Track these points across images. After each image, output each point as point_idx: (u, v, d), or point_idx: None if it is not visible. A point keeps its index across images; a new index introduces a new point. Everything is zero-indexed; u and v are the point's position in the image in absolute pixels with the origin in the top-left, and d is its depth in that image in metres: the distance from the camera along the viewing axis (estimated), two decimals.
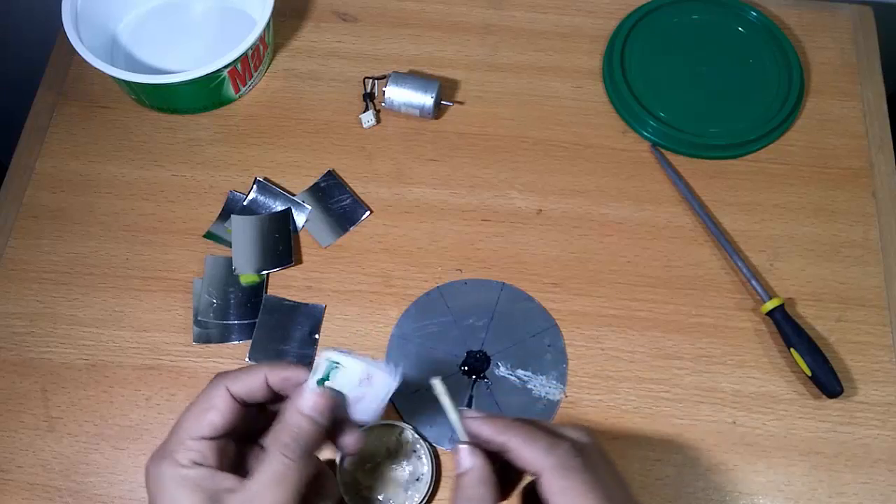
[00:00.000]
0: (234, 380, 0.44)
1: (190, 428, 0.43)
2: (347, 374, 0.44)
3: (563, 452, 0.40)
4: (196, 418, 0.43)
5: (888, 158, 0.68)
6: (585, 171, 0.67)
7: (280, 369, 0.45)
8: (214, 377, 0.45)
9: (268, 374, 0.44)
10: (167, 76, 0.63)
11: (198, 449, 0.42)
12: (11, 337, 0.60)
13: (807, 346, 0.58)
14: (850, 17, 0.75)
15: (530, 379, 0.59)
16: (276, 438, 0.42)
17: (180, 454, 0.42)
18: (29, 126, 0.69)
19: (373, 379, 0.44)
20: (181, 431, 0.43)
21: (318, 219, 0.65)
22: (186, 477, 0.41)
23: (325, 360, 0.44)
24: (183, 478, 0.41)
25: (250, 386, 0.44)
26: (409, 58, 0.72)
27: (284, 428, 0.42)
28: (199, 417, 0.43)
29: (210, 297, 0.61)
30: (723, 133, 0.68)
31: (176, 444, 0.42)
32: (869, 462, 0.57)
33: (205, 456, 0.42)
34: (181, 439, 0.42)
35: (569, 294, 0.62)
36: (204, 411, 0.43)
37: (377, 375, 0.44)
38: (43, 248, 0.63)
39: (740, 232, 0.65)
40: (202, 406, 0.43)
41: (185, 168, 0.67)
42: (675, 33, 0.73)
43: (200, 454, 0.42)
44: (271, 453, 0.41)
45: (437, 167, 0.67)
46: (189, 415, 0.43)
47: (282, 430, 0.42)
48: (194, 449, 0.42)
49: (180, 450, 0.42)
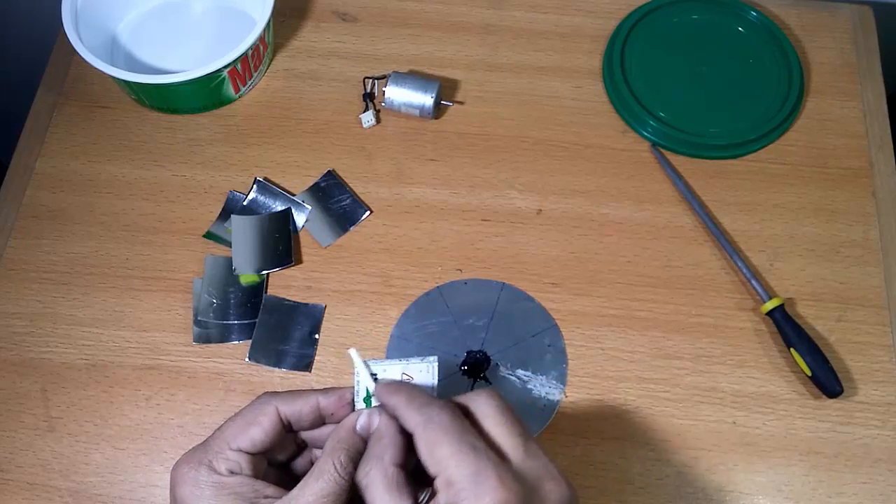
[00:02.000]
0: (285, 401, 0.44)
1: (232, 438, 0.42)
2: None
3: (435, 408, 0.40)
4: (240, 430, 0.43)
5: (888, 158, 0.68)
6: (585, 171, 0.67)
7: (333, 393, 0.45)
8: (263, 395, 0.45)
9: (321, 398, 0.44)
10: (167, 76, 0.63)
11: (236, 460, 0.42)
12: (11, 337, 0.60)
13: (807, 346, 0.58)
14: (850, 17, 0.75)
15: (530, 379, 0.59)
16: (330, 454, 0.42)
17: (218, 462, 0.42)
18: (29, 126, 0.69)
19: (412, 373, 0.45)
20: (221, 440, 0.43)
21: (318, 219, 0.65)
22: (226, 484, 0.41)
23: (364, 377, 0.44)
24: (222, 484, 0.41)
25: (300, 408, 0.44)
26: (409, 58, 0.72)
27: (340, 444, 0.42)
28: (244, 430, 0.43)
29: (210, 297, 0.61)
30: (723, 133, 0.68)
31: (215, 451, 0.42)
32: (869, 462, 0.57)
33: (241, 467, 0.42)
34: (221, 448, 0.42)
35: (569, 294, 0.62)
36: (249, 425, 0.43)
37: (412, 368, 0.45)
38: (43, 248, 0.63)
39: (740, 232, 0.65)
40: (248, 419, 0.43)
41: (185, 168, 0.67)
42: (675, 33, 0.73)
43: (237, 464, 0.42)
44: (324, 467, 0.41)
45: (437, 167, 0.67)
46: (233, 425, 0.43)
47: (338, 446, 0.42)
48: (233, 459, 0.42)
49: (219, 458, 0.42)
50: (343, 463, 0.41)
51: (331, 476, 0.41)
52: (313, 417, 0.44)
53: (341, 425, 0.44)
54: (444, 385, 0.59)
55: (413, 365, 0.45)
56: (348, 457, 0.42)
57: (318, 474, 0.41)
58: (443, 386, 0.59)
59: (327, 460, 0.41)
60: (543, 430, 0.58)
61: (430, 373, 0.45)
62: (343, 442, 0.42)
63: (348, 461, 0.42)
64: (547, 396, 0.59)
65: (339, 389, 0.45)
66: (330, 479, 0.41)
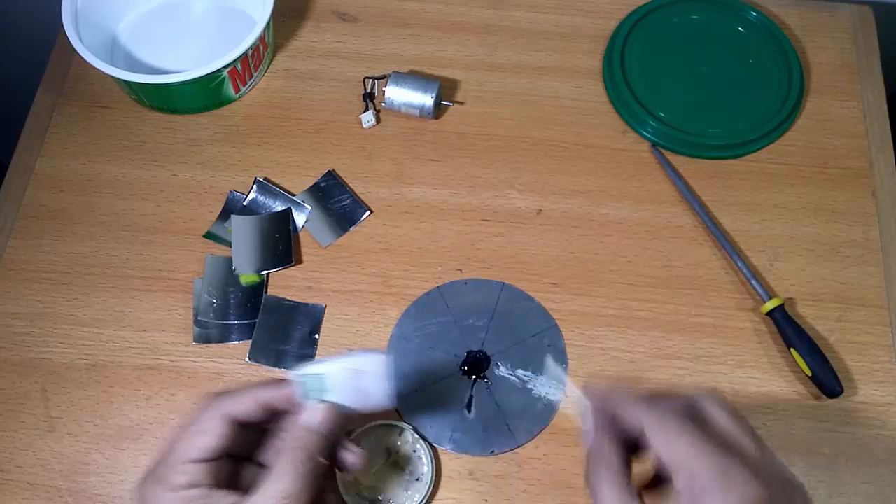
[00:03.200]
0: (231, 401, 0.44)
1: (183, 451, 0.42)
2: (334, 380, 0.44)
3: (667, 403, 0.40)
4: (189, 442, 0.42)
5: (888, 158, 0.68)
6: (585, 171, 0.67)
7: (277, 388, 0.44)
8: (210, 397, 0.44)
9: (266, 393, 0.44)
10: (167, 76, 0.63)
11: (192, 472, 0.42)
12: (11, 337, 0.60)
13: (807, 346, 0.58)
14: (850, 17, 0.75)
15: (530, 379, 0.59)
16: (286, 454, 0.42)
17: (174, 477, 0.41)
18: (29, 126, 0.69)
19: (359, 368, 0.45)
20: (174, 455, 0.42)
21: (318, 219, 0.65)
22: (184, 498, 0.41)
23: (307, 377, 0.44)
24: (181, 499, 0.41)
25: (246, 407, 0.44)
26: (409, 58, 0.72)
27: (294, 444, 0.42)
28: (192, 440, 0.42)
29: (210, 297, 0.61)
30: (723, 133, 0.68)
31: (169, 467, 0.42)
32: (869, 462, 0.57)
33: (199, 478, 0.42)
34: (174, 463, 0.42)
35: (569, 294, 0.62)
36: (197, 434, 0.43)
37: (358, 361, 0.45)
38: (43, 248, 0.63)
39: (740, 232, 0.65)
40: (195, 429, 0.43)
41: (185, 168, 0.67)
42: (675, 33, 0.73)
43: (194, 476, 0.42)
44: (281, 468, 0.41)
45: (437, 167, 0.67)
46: (182, 437, 0.43)
47: (292, 445, 0.42)
48: (188, 472, 0.42)
49: (174, 473, 0.41)
50: (303, 461, 0.41)
51: (289, 476, 0.41)
52: (262, 412, 0.44)
53: (295, 425, 0.43)
54: (445, 385, 0.59)
55: (360, 359, 0.45)
56: (306, 454, 0.42)
57: (276, 475, 0.41)
58: (443, 386, 0.59)
59: (285, 461, 0.41)
60: (543, 430, 0.58)
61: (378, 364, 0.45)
62: (298, 440, 0.42)
63: (307, 459, 0.41)
64: (547, 396, 0.59)
65: (284, 385, 0.45)
66: (288, 478, 0.41)
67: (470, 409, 0.58)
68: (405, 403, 0.58)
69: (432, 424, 0.57)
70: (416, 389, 0.58)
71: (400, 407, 0.58)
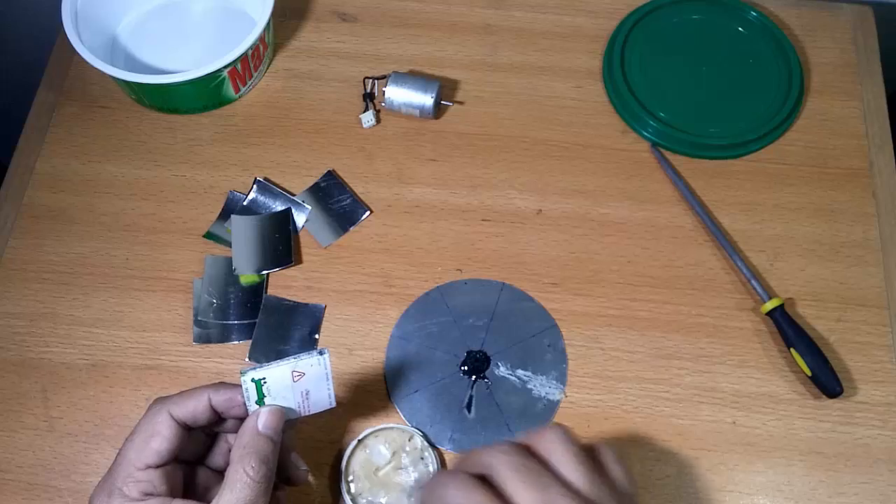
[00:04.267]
0: (176, 404, 0.43)
1: (135, 458, 0.42)
2: (277, 383, 0.45)
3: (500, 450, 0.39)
4: (140, 447, 0.42)
5: (888, 158, 0.68)
6: (585, 171, 0.67)
7: (224, 391, 0.44)
8: (154, 402, 0.44)
9: (211, 395, 0.44)
10: (167, 76, 0.63)
11: (146, 479, 0.41)
12: (11, 337, 0.60)
13: (807, 346, 0.58)
14: (850, 17, 0.75)
15: (530, 379, 0.59)
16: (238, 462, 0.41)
17: (129, 487, 0.41)
18: (29, 126, 0.69)
19: (303, 370, 0.45)
20: (126, 463, 0.42)
21: (318, 219, 0.65)
22: None
23: (249, 381, 0.44)
24: None
25: (193, 409, 0.44)
26: (409, 58, 0.72)
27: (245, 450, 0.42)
28: (143, 446, 0.42)
29: (210, 297, 0.61)
30: (723, 133, 0.68)
31: (123, 476, 0.42)
32: (869, 462, 0.57)
33: (154, 485, 0.42)
34: (128, 471, 0.42)
35: (569, 294, 0.62)
36: (147, 439, 0.42)
37: (302, 364, 0.45)
38: (43, 248, 0.63)
39: (740, 232, 0.65)
40: (145, 434, 0.43)
41: (185, 168, 0.67)
42: (675, 33, 0.73)
43: (150, 483, 0.41)
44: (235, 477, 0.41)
45: (437, 167, 0.67)
46: (132, 444, 0.43)
47: (243, 452, 0.42)
48: (143, 479, 0.41)
49: (128, 482, 0.41)
50: (255, 466, 0.41)
51: (244, 483, 0.41)
52: (208, 415, 0.44)
53: (243, 429, 0.43)
54: (445, 385, 0.59)
55: (302, 361, 0.45)
56: (259, 460, 0.41)
57: (231, 484, 0.41)
58: (443, 386, 0.59)
59: (237, 468, 0.41)
60: None
61: (321, 365, 0.45)
62: (249, 447, 0.42)
63: (259, 464, 0.41)
64: (547, 396, 0.59)
65: (229, 388, 0.45)
66: (244, 486, 0.40)
67: (470, 409, 0.58)
68: (405, 404, 0.58)
69: (432, 424, 0.57)
70: (416, 389, 0.59)
71: (399, 407, 0.58)
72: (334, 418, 0.57)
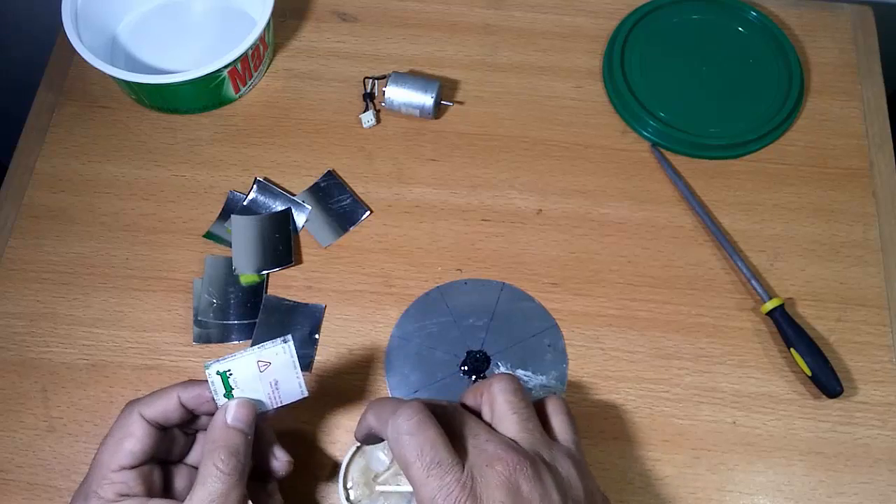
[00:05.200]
0: (147, 405, 0.44)
1: (109, 460, 0.42)
2: (244, 374, 0.44)
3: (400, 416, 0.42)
4: (113, 449, 0.42)
5: (888, 158, 0.68)
6: (585, 171, 0.67)
7: (192, 388, 0.44)
8: (127, 404, 0.44)
9: (180, 394, 0.44)
10: (167, 76, 0.63)
11: (121, 480, 0.41)
12: (11, 337, 0.60)
13: (807, 346, 0.58)
14: (850, 17, 0.75)
15: (530, 379, 0.59)
16: (208, 456, 0.42)
17: (104, 489, 0.41)
18: (29, 126, 0.69)
19: (267, 359, 0.45)
20: (100, 466, 0.42)
21: (318, 219, 0.65)
22: None
23: (214, 374, 0.44)
24: None
25: (164, 408, 0.44)
26: (409, 58, 0.72)
27: (215, 444, 0.42)
28: (117, 448, 0.42)
29: (210, 297, 0.61)
30: (723, 133, 0.68)
31: (98, 479, 0.42)
32: (869, 462, 0.57)
33: (130, 486, 0.42)
34: (102, 473, 0.42)
35: (569, 294, 0.62)
36: (120, 441, 0.42)
37: (266, 353, 0.45)
38: (43, 248, 0.63)
39: (740, 232, 0.65)
40: (118, 436, 0.43)
41: (185, 168, 0.67)
42: (675, 33, 0.73)
43: (125, 485, 0.41)
44: (206, 471, 0.41)
45: (437, 167, 0.67)
46: (106, 447, 0.43)
47: (212, 446, 0.42)
48: (118, 481, 0.41)
49: (103, 485, 0.41)
50: (224, 460, 0.41)
51: (216, 477, 0.41)
52: (180, 414, 0.44)
53: (212, 425, 0.43)
54: (445, 385, 0.59)
55: (267, 350, 0.45)
56: (228, 452, 0.42)
57: (202, 479, 0.41)
58: (443, 386, 0.59)
59: (207, 463, 0.41)
60: None
61: (287, 353, 0.45)
62: (218, 440, 0.42)
63: (229, 457, 0.41)
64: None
65: (197, 384, 0.45)
66: (216, 480, 0.41)
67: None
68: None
69: None
70: (415, 389, 0.58)
71: None
72: (334, 419, 0.57)
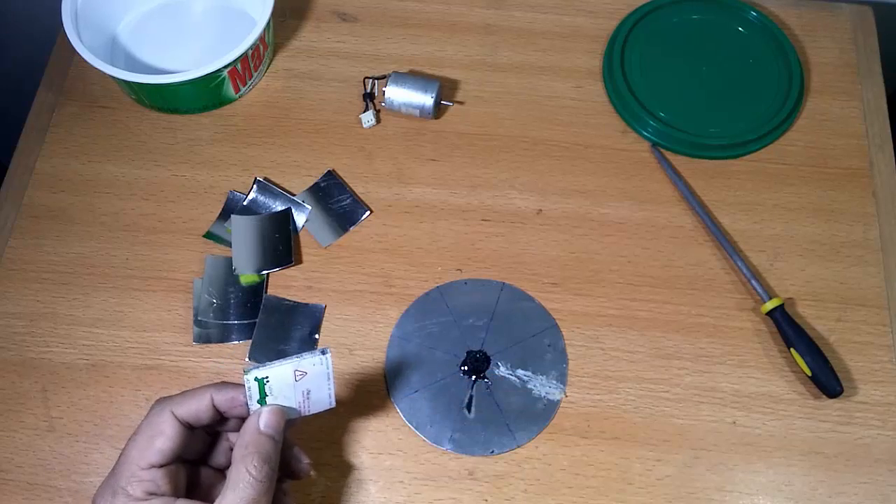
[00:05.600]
0: (179, 404, 0.44)
1: (139, 457, 0.42)
2: (279, 382, 0.45)
3: None
4: (144, 446, 0.42)
5: (888, 158, 0.68)
6: (585, 171, 0.67)
7: (227, 390, 0.44)
8: (157, 402, 0.44)
9: (214, 395, 0.44)
10: (167, 76, 0.63)
11: (150, 478, 0.41)
12: (11, 337, 0.60)
13: (807, 346, 0.58)
14: (850, 17, 0.75)
15: (530, 379, 0.59)
16: (240, 461, 0.42)
17: (133, 486, 0.41)
18: (29, 126, 0.69)
19: (305, 370, 0.45)
20: (130, 462, 0.42)
21: (318, 219, 0.65)
22: None
23: (252, 380, 0.44)
24: None
25: (196, 408, 0.44)
26: (409, 58, 0.72)
27: (247, 450, 0.42)
28: (147, 445, 0.42)
29: (210, 297, 0.61)
30: (723, 133, 0.68)
31: (127, 476, 0.42)
32: (869, 462, 0.57)
33: (158, 485, 0.42)
34: (131, 471, 0.42)
35: (569, 294, 0.62)
36: (151, 438, 0.42)
37: (304, 363, 0.45)
38: (43, 248, 0.63)
39: (740, 232, 0.65)
40: (148, 433, 0.43)
41: (185, 168, 0.67)
42: (675, 33, 0.73)
43: (153, 483, 0.41)
44: (238, 476, 0.41)
45: (437, 167, 0.67)
46: (136, 444, 0.43)
47: (245, 452, 0.42)
48: (146, 479, 0.41)
49: (132, 482, 0.41)
50: (257, 465, 0.41)
51: (248, 483, 0.41)
52: (211, 415, 0.44)
53: (245, 429, 0.43)
54: (445, 385, 0.59)
55: (305, 360, 0.45)
56: (261, 459, 0.42)
57: (234, 483, 0.41)
58: (443, 385, 0.59)
59: (240, 468, 0.41)
60: (543, 430, 0.58)
61: (323, 364, 0.45)
62: (251, 445, 0.42)
63: (262, 463, 0.41)
64: (547, 396, 0.59)
65: (231, 387, 0.45)
66: (248, 486, 0.41)
67: (470, 409, 0.58)
68: (405, 404, 0.58)
69: (432, 424, 0.57)
70: (415, 389, 0.59)
71: (400, 407, 0.58)
72: (334, 419, 0.57)
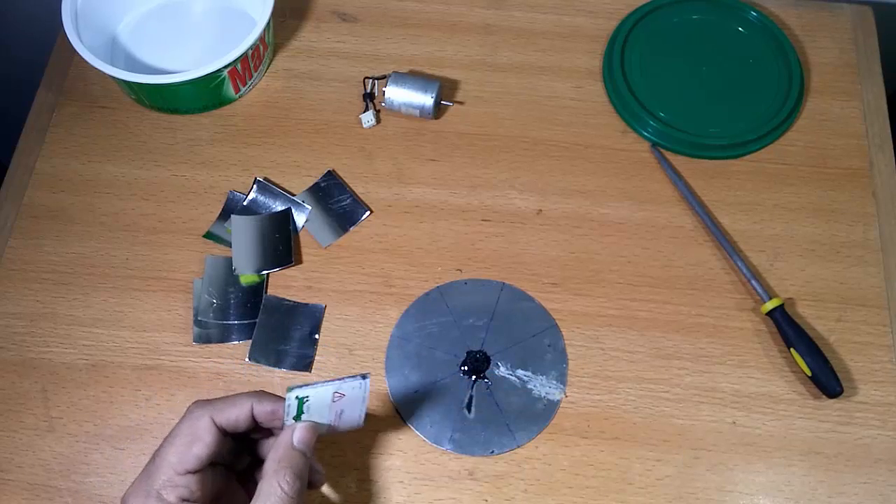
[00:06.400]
0: (220, 410, 0.44)
1: (176, 462, 0.42)
2: (318, 402, 0.45)
3: None
4: (182, 451, 0.42)
5: (888, 158, 0.68)
6: (585, 171, 0.67)
7: (267, 403, 0.44)
8: (195, 406, 0.44)
9: (255, 405, 0.44)
10: (167, 76, 0.63)
11: (185, 484, 0.41)
12: (11, 337, 0.60)
13: (807, 346, 0.58)
14: (850, 17, 0.75)
15: (530, 379, 0.59)
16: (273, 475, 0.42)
17: (167, 491, 0.41)
18: (29, 126, 0.69)
19: (344, 392, 0.45)
20: (167, 466, 0.42)
21: (318, 219, 0.65)
22: None
23: (294, 398, 0.44)
24: None
25: (236, 417, 0.44)
26: (409, 58, 0.72)
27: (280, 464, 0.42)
28: (186, 450, 0.42)
29: (210, 297, 0.61)
30: (723, 133, 0.68)
31: (162, 480, 0.42)
32: (869, 462, 0.57)
33: (192, 491, 0.42)
34: (168, 475, 0.42)
35: (569, 294, 0.62)
36: (190, 444, 0.42)
37: (345, 387, 0.45)
38: (43, 248, 0.63)
39: (740, 232, 0.65)
40: (189, 438, 0.43)
41: (185, 168, 0.67)
42: (675, 33, 0.73)
43: (188, 490, 0.41)
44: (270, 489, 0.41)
45: (437, 167, 0.67)
46: (174, 448, 0.43)
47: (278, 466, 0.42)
48: (181, 485, 0.41)
49: (167, 487, 0.41)
50: (289, 481, 0.41)
51: (279, 497, 0.41)
52: (248, 424, 0.44)
53: (279, 443, 0.43)
54: (445, 385, 0.59)
55: (346, 384, 0.45)
56: (294, 475, 0.42)
57: (265, 496, 0.41)
58: (443, 386, 0.59)
59: (272, 482, 0.41)
60: (543, 430, 0.58)
61: (361, 388, 0.46)
62: (285, 460, 0.42)
63: (294, 479, 0.42)
64: (547, 396, 0.59)
65: (270, 399, 0.45)
66: (278, 500, 0.41)
67: (470, 409, 0.58)
68: (405, 404, 0.58)
69: (432, 424, 0.57)
70: (416, 389, 0.59)
71: (400, 408, 0.58)
72: None
